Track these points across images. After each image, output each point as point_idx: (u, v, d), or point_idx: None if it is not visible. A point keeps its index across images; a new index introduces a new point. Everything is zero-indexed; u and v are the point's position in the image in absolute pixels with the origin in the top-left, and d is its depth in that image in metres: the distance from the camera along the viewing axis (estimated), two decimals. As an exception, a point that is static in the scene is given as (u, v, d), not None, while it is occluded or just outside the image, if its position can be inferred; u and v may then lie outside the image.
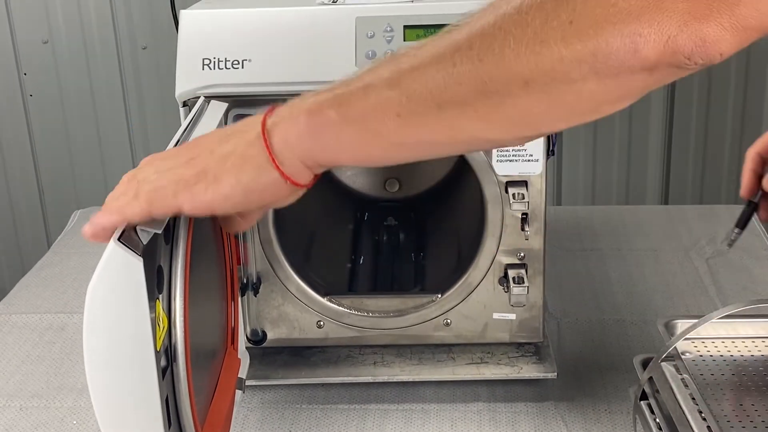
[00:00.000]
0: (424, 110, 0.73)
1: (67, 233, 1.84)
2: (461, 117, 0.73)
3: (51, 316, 1.52)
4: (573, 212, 1.87)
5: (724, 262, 1.62)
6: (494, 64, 0.70)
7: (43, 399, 1.31)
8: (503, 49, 0.69)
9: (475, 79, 0.71)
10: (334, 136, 0.76)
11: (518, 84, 0.70)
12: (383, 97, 0.73)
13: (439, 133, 0.74)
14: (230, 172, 0.77)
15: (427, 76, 0.72)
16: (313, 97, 0.77)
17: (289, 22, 1.17)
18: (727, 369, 1.15)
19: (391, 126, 0.74)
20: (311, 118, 0.76)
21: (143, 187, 0.79)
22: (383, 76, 0.74)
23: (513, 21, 0.70)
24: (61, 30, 2.51)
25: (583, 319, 1.46)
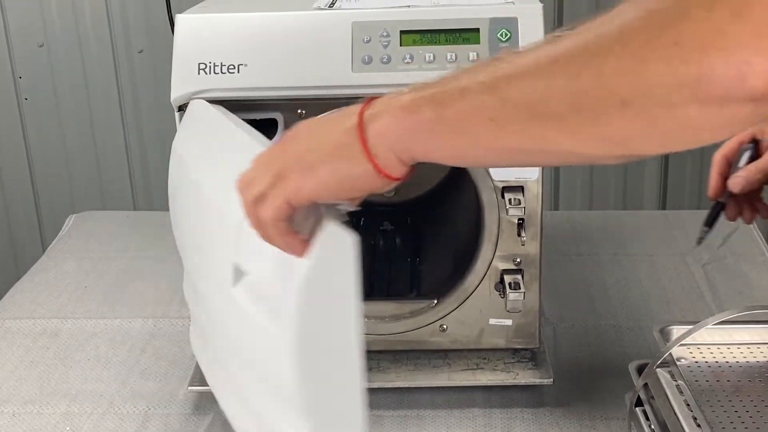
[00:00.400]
0: (518, 118, 0.73)
1: (62, 237, 1.84)
2: (553, 129, 0.72)
3: (45, 321, 1.52)
4: (570, 217, 1.87)
5: (720, 267, 1.63)
6: (592, 80, 0.69)
7: (36, 405, 1.31)
8: (602, 66, 0.69)
9: (570, 94, 0.70)
10: (429, 134, 0.76)
11: (615, 103, 0.69)
12: (479, 100, 0.74)
13: (531, 143, 0.75)
14: (326, 161, 0.79)
15: (523, 84, 0.72)
16: (410, 93, 0.78)
17: (285, 27, 1.18)
18: (722, 375, 1.16)
19: (484, 130, 0.74)
20: (408, 114, 0.77)
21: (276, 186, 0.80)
22: (480, 79, 0.74)
23: (615, 38, 0.68)
24: (56, 33, 2.51)
25: (580, 324, 1.46)
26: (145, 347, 1.45)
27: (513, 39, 1.17)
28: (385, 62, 1.17)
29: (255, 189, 0.80)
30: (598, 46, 0.69)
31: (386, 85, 1.15)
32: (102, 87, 2.55)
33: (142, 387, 1.35)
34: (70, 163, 2.63)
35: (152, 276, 1.66)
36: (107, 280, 1.65)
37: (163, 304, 1.57)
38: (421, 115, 0.76)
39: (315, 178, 0.79)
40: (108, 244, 1.79)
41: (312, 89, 1.17)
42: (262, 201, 0.80)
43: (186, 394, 1.32)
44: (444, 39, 1.18)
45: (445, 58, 1.17)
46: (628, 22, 0.68)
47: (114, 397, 1.32)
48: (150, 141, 2.59)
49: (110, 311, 1.55)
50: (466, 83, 0.74)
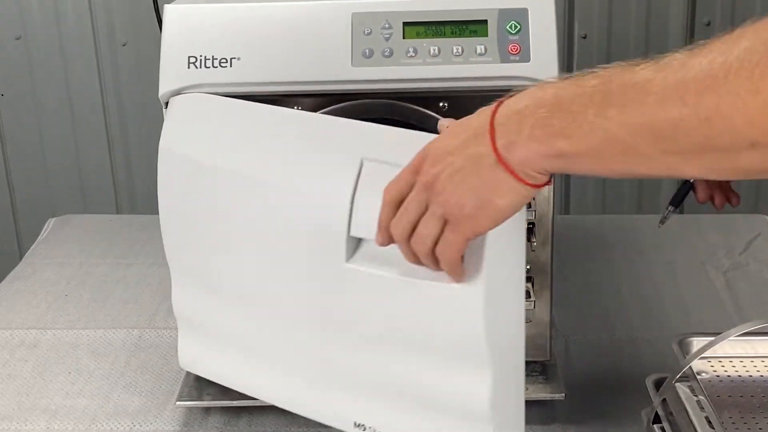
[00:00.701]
0: (649, 154, 0.82)
1: (40, 243, 1.84)
2: (683, 163, 0.81)
3: (23, 332, 1.52)
4: (582, 222, 1.87)
5: (742, 274, 1.63)
6: (721, 125, 0.76)
7: (13, 421, 1.31)
8: (732, 112, 0.75)
9: (701, 136, 0.78)
10: (566, 161, 0.86)
11: (744, 145, 0.76)
12: (611, 135, 0.82)
13: (660, 171, 0.84)
14: (489, 203, 0.90)
15: (653, 125, 0.80)
16: (537, 123, 0.86)
17: (281, 18, 1.17)
18: (745, 390, 1.16)
19: (618, 160, 0.84)
20: (542, 146, 0.86)
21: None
22: (609, 115, 0.82)
23: (743, 78, 0.75)
24: (35, 25, 2.51)
25: (593, 336, 1.46)
26: (129, 359, 1.44)
27: (523, 31, 1.17)
28: (387, 56, 1.17)
29: (425, 234, 0.93)
30: (726, 87, 0.75)
31: (388, 80, 1.16)
32: (84, 82, 2.55)
33: (126, 402, 1.34)
34: (49, 164, 2.62)
35: (137, 283, 1.66)
36: (89, 287, 1.65)
37: (148, 314, 1.56)
38: (555, 146, 0.85)
39: (484, 220, 0.91)
40: (90, 249, 1.79)
41: (309, 84, 1.17)
42: (440, 243, 0.93)
43: (173, 410, 1.31)
44: (450, 31, 1.18)
45: (451, 51, 1.17)
46: (749, 56, 0.75)
47: (97, 413, 1.32)
48: (134, 140, 2.59)
49: (92, 321, 1.55)
50: (594, 119, 0.83)
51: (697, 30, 2.43)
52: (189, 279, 1.24)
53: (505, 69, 1.16)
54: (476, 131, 0.90)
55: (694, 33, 2.43)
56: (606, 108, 0.82)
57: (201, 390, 1.30)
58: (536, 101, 0.87)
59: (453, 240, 0.92)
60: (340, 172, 1.03)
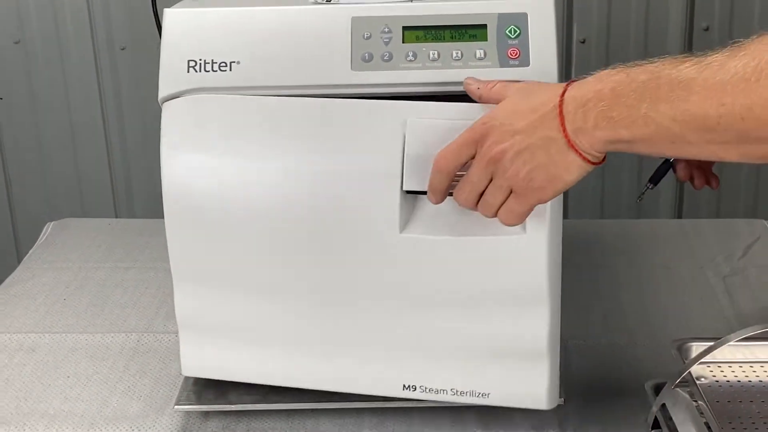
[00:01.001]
0: (694, 142, 0.97)
1: (39, 246, 1.83)
2: (723, 151, 0.97)
3: (21, 336, 1.52)
4: (581, 226, 1.87)
5: (741, 279, 1.63)
6: (755, 122, 0.91)
7: (12, 426, 1.30)
8: (763, 110, 0.90)
9: (737, 131, 0.93)
10: (626, 145, 1.01)
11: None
12: (663, 127, 0.97)
13: (704, 155, 1.01)
14: (559, 174, 1.05)
15: (698, 120, 0.95)
16: (601, 117, 1.00)
17: (280, 22, 1.17)
18: (745, 396, 1.16)
19: (667, 147, 1.00)
20: (606, 133, 1.01)
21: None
22: (661, 110, 0.96)
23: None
24: (33, 29, 2.51)
25: (592, 341, 1.46)
26: (128, 364, 1.44)
27: (522, 36, 1.17)
28: (386, 60, 1.17)
29: (492, 202, 1.08)
30: (758, 91, 0.90)
31: (387, 84, 1.16)
32: (82, 87, 2.55)
33: (125, 406, 1.34)
34: (48, 168, 2.62)
35: (135, 288, 1.66)
36: (87, 291, 1.65)
37: (147, 318, 1.56)
38: (617, 134, 1.00)
39: (551, 190, 1.06)
40: (88, 253, 1.78)
41: (309, 88, 1.17)
42: (505, 210, 1.08)
43: (172, 414, 1.31)
44: (449, 36, 1.18)
45: (451, 56, 1.17)
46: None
47: (95, 417, 1.32)
48: (133, 144, 2.59)
49: (91, 325, 1.54)
50: (647, 112, 0.97)
51: (696, 35, 2.43)
52: (199, 281, 1.24)
53: (505, 73, 1.16)
54: (544, 115, 1.04)
55: (693, 38, 2.43)
56: (657, 103, 0.97)
57: (200, 394, 1.30)
58: (597, 95, 1.01)
59: (519, 208, 1.07)
60: (386, 135, 1.14)
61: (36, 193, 2.65)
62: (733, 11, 2.42)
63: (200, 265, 1.24)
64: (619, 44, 2.45)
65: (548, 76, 1.16)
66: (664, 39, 2.44)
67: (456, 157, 1.08)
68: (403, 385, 1.23)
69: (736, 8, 2.41)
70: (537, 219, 1.13)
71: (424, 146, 1.12)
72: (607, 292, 1.61)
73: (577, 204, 2.59)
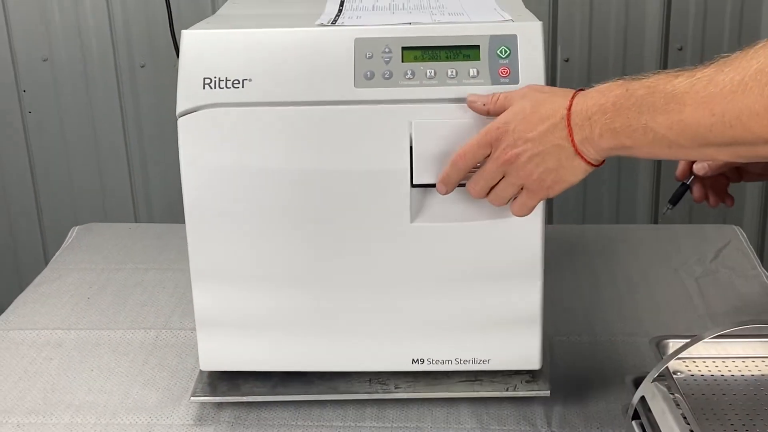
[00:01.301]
0: (689, 146, 1.01)
1: (64, 249, 1.83)
2: (716, 153, 1.02)
3: (48, 332, 1.51)
4: (564, 231, 1.87)
5: (713, 281, 1.62)
6: (742, 132, 0.95)
7: (39, 416, 1.30)
8: (749, 118, 0.94)
9: (728, 137, 0.97)
10: (626, 151, 1.07)
11: (762, 142, 0.95)
12: (660, 135, 1.02)
13: (698, 157, 1.16)
14: (562, 180, 1.12)
15: (693, 128, 0.99)
16: (606, 128, 1.06)
17: (289, 43, 1.17)
18: (718, 389, 1.15)
19: (664, 151, 1.04)
20: (610, 141, 1.06)
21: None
22: (659, 120, 1.01)
23: (756, 93, 0.93)
24: (60, 48, 2.50)
25: (575, 338, 1.45)
26: (147, 358, 1.43)
27: (512, 56, 1.16)
28: (387, 78, 1.16)
29: (503, 195, 1.14)
30: (744, 101, 0.94)
31: (388, 100, 1.16)
32: (104, 101, 2.54)
33: (144, 398, 1.33)
34: (73, 176, 2.62)
35: (154, 287, 1.65)
36: (110, 291, 1.64)
37: (164, 316, 1.55)
38: (620, 143, 1.05)
39: (558, 188, 1.12)
40: (110, 256, 1.78)
41: (315, 104, 1.17)
42: (517, 203, 1.15)
43: (188, 405, 1.31)
44: (445, 55, 1.17)
45: (446, 74, 1.16)
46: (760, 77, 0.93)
47: (117, 407, 1.31)
48: (151, 155, 2.58)
49: (113, 322, 1.54)
50: (646, 123, 1.02)
51: (671, 54, 2.43)
52: (217, 280, 1.24)
53: (496, 90, 1.16)
54: (554, 125, 1.09)
55: (668, 57, 2.43)
56: (655, 115, 1.01)
57: (214, 386, 1.30)
58: (601, 108, 1.06)
59: (531, 202, 1.15)
60: (393, 136, 1.17)
61: (62, 199, 2.64)
62: (705, 33, 2.41)
63: (219, 265, 1.23)
64: (599, 62, 2.45)
65: (536, 93, 1.15)
66: (641, 58, 2.43)
67: (473, 156, 1.13)
68: (412, 359, 1.26)
69: (707, 30, 2.41)
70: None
71: (430, 144, 1.16)
72: (588, 292, 1.60)
73: (561, 210, 2.58)
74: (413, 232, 1.20)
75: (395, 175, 1.18)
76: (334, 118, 1.17)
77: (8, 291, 2.20)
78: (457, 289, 1.23)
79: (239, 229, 1.21)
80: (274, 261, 1.23)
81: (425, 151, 1.17)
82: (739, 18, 2.40)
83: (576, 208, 2.58)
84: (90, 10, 2.47)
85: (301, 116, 1.17)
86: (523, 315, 1.24)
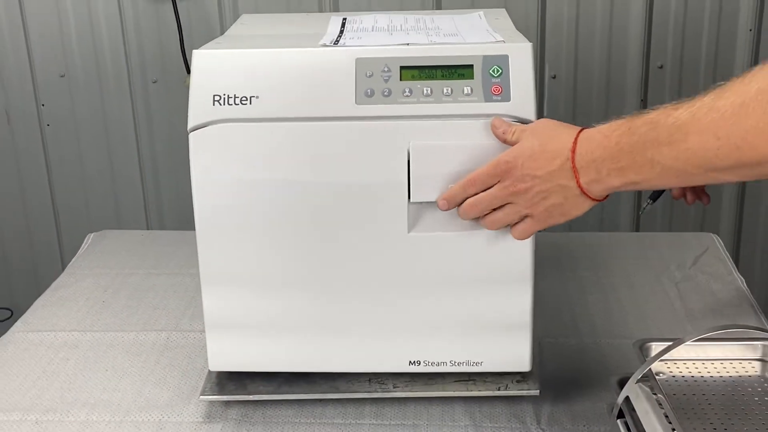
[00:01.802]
0: (696, 173, 0.99)
1: (80, 255, 1.82)
2: (722, 176, 0.98)
3: (65, 333, 1.50)
4: (551, 239, 1.86)
5: (692, 286, 1.62)
6: (749, 153, 0.93)
7: (57, 413, 1.29)
8: (755, 137, 0.92)
9: (733, 159, 0.94)
10: (632, 186, 1.05)
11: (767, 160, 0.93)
12: (667, 166, 1.00)
13: (707, 182, 1.04)
14: (570, 211, 1.11)
15: (699, 156, 0.97)
16: (605, 164, 1.05)
17: (294, 62, 1.17)
18: (698, 390, 1.15)
19: (673, 182, 1.04)
20: (618, 179, 1.05)
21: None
22: (664, 152, 0.99)
23: (758, 114, 0.91)
24: (77, 64, 2.50)
25: (563, 340, 1.45)
26: (159, 359, 1.43)
27: (504, 75, 1.16)
28: (386, 95, 1.16)
29: (504, 220, 1.14)
30: (748, 122, 0.92)
31: (387, 116, 1.16)
32: (119, 114, 2.54)
33: (156, 396, 1.33)
34: (88, 186, 2.61)
35: (165, 291, 1.64)
36: (123, 295, 1.64)
37: (175, 318, 1.55)
38: (628, 179, 1.04)
39: (562, 220, 1.12)
40: (124, 261, 1.77)
41: (318, 120, 1.16)
42: (519, 227, 1.15)
43: (197, 403, 1.30)
44: (440, 74, 1.17)
45: (442, 92, 1.16)
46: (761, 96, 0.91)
47: (130, 406, 1.31)
48: (163, 165, 2.58)
49: (126, 324, 1.53)
50: (652, 156, 1.01)
51: (651, 72, 2.43)
52: (226, 285, 1.23)
53: (489, 107, 1.16)
54: (560, 166, 1.08)
55: (649, 75, 2.43)
56: (659, 148, 1.00)
57: (222, 386, 1.29)
58: (604, 151, 1.05)
59: (532, 229, 1.15)
60: (392, 152, 1.16)
61: (78, 208, 2.63)
62: (684, 52, 2.41)
63: (227, 271, 1.23)
64: (585, 79, 2.45)
65: (526, 108, 1.17)
66: (623, 75, 2.43)
67: (481, 184, 1.13)
68: (409, 361, 1.26)
69: (686, 50, 2.41)
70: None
71: (427, 165, 1.16)
72: (575, 296, 1.60)
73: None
74: (410, 241, 1.20)
75: (394, 188, 1.18)
76: (336, 133, 1.17)
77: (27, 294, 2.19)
78: (451, 295, 1.22)
79: (246, 237, 1.21)
80: (279, 268, 1.22)
81: (422, 171, 1.16)
82: (716, 38, 2.40)
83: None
84: (105, 29, 2.47)
85: (305, 131, 1.17)
86: (514, 320, 1.23)
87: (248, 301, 1.24)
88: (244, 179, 1.19)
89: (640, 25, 2.40)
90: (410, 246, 1.20)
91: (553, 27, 2.41)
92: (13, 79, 2.52)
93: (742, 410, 1.11)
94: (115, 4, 2.44)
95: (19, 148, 2.59)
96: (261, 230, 1.21)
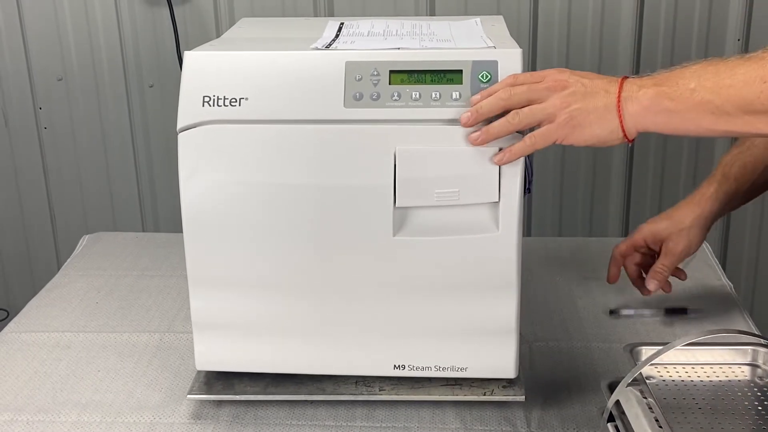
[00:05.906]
0: (733, 113, 0.98)
1: (75, 256, 1.80)
2: (760, 122, 0.97)
3: (58, 334, 1.48)
4: (542, 243, 1.85)
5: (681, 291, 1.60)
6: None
7: (49, 414, 1.27)
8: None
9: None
10: (665, 118, 1.02)
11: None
12: (705, 99, 0.98)
13: (740, 128, 1.00)
14: (591, 124, 1.05)
15: (739, 91, 0.97)
16: (653, 86, 1.03)
17: (283, 65, 1.15)
18: (687, 393, 1.13)
19: (707, 119, 0.99)
20: (653, 104, 1.02)
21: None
22: (705, 84, 0.99)
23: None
24: (74, 68, 2.48)
25: (553, 344, 1.43)
26: (151, 360, 1.40)
27: (493, 80, 1.14)
28: (374, 99, 1.14)
29: (524, 119, 1.07)
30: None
31: (375, 120, 1.14)
32: (115, 118, 2.52)
33: (148, 397, 1.30)
34: (85, 188, 2.60)
35: (159, 293, 1.62)
36: (117, 296, 1.61)
37: (167, 320, 1.52)
38: (663, 105, 1.01)
39: (579, 134, 1.06)
40: (118, 262, 1.75)
41: (307, 122, 1.14)
42: (537, 134, 1.07)
43: (189, 404, 1.28)
44: (429, 79, 1.15)
45: (431, 96, 1.14)
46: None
47: (122, 407, 1.28)
48: (158, 168, 2.56)
49: (119, 326, 1.51)
50: (695, 86, 0.99)
51: (641, 79, 2.42)
52: (213, 286, 1.21)
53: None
54: (608, 80, 1.06)
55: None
56: (702, 80, 0.99)
57: (210, 385, 1.27)
58: (653, 77, 1.05)
59: (545, 136, 1.07)
60: (379, 155, 1.14)
61: (74, 210, 2.62)
62: (673, 61, 2.40)
63: (214, 272, 1.21)
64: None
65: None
66: (613, 82, 2.42)
67: (524, 78, 1.09)
68: (394, 365, 1.23)
69: (675, 59, 2.40)
70: (508, 219, 1.15)
71: (412, 169, 1.13)
72: (565, 300, 1.58)
73: (538, 224, 2.57)
74: (396, 245, 1.17)
75: (380, 191, 1.15)
76: (324, 136, 1.14)
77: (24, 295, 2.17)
78: (436, 299, 1.19)
79: (234, 238, 1.19)
80: (265, 269, 1.20)
81: (408, 176, 1.14)
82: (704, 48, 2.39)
83: (552, 221, 2.56)
84: (102, 33, 2.45)
85: (293, 134, 1.15)
86: (500, 326, 1.20)
87: (235, 302, 1.22)
88: (232, 180, 1.16)
89: (630, 35, 2.39)
90: (395, 250, 1.17)
91: (545, 33, 2.40)
92: (10, 83, 2.50)
93: (731, 414, 1.09)
94: (112, 9, 2.42)
95: (16, 151, 2.57)
96: (248, 232, 1.18)
